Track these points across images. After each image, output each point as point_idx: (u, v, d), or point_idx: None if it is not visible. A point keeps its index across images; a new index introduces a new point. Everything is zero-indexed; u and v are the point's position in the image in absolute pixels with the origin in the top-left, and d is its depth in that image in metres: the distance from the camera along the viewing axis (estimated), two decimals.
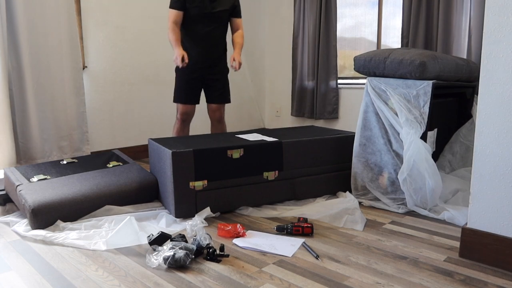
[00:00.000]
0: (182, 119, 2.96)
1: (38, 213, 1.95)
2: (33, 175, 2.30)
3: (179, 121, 2.97)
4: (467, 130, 2.64)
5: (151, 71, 3.89)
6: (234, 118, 4.68)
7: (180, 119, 2.96)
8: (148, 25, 3.82)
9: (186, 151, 2.08)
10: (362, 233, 1.96)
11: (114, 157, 2.68)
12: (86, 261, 1.66)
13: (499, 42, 1.53)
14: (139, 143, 3.86)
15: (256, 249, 1.76)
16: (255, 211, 2.23)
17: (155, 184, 2.35)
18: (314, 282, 1.48)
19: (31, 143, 3.11)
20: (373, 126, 2.36)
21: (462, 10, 3.22)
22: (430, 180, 2.11)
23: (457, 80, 2.50)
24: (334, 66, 4.14)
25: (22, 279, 1.52)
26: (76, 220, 2.06)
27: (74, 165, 2.53)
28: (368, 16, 4.09)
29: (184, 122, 2.97)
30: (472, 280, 1.49)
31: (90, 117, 3.52)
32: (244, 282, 1.49)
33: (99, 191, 2.16)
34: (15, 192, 2.16)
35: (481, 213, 1.63)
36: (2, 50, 2.85)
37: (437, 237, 1.89)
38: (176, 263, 1.58)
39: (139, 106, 3.84)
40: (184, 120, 2.97)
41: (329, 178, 2.49)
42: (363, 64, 2.43)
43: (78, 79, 3.31)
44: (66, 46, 3.23)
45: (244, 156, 2.23)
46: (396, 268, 1.59)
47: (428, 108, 2.18)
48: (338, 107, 4.21)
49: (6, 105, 2.89)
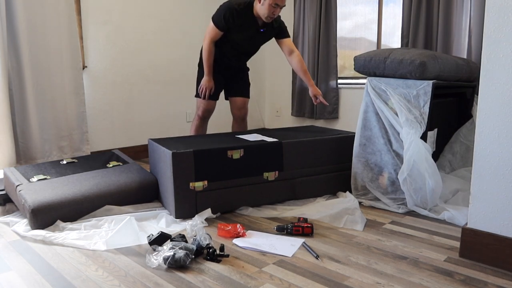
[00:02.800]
0: (203, 116, 2.93)
1: (37, 213, 1.95)
2: (33, 175, 2.30)
3: (199, 118, 2.93)
4: (467, 130, 2.64)
5: (151, 71, 3.89)
6: None
7: (201, 116, 2.92)
8: (148, 25, 3.82)
9: (186, 151, 2.08)
10: (362, 233, 1.96)
11: (114, 157, 2.68)
12: (86, 261, 1.66)
13: (499, 42, 1.53)
14: (139, 143, 3.86)
15: (256, 249, 1.76)
16: (255, 211, 2.23)
17: (155, 184, 2.35)
18: (314, 282, 1.48)
19: (31, 143, 3.11)
20: (373, 126, 2.36)
21: (462, 10, 3.22)
22: (430, 180, 2.11)
23: (457, 80, 2.50)
24: (334, 66, 4.13)
25: (22, 279, 1.52)
26: (76, 220, 2.06)
27: (74, 165, 2.53)
28: (368, 16, 4.09)
29: (204, 119, 2.95)
30: (472, 280, 1.49)
31: (90, 117, 3.52)
32: (244, 282, 1.49)
33: (99, 191, 2.16)
34: (15, 192, 2.16)
35: (481, 213, 1.63)
36: (2, 50, 2.85)
37: (437, 237, 1.89)
38: (176, 263, 1.57)
39: (139, 106, 3.84)
40: (205, 118, 2.94)
41: (329, 178, 2.49)
42: (363, 64, 2.43)
43: (78, 79, 3.31)
44: (66, 46, 3.23)
45: (244, 156, 2.23)
46: (396, 268, 1.59)
47: (428, 108, 2.18)
48: (338, 107, 4.21)
49: (6, 105, 2.89)
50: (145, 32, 3.81)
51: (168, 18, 3.97)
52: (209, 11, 4.31)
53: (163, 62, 3.98)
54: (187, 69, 4.18)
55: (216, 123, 4.49)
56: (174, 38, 4.04)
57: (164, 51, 3.97)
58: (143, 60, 3.82)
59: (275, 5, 2.54)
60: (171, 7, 3.98)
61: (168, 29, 3.98)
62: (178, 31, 4.06)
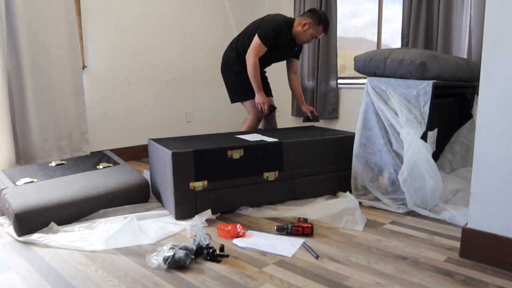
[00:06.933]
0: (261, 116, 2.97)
1: (22, 218, 1.87)
2: (19, 178, 2.23)
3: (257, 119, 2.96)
4: (468, 130, 2.64)
5: (151, 71, 3.89)
6: (234, 118, 4.68)
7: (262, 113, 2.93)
8: (148, 25, 3.82)
9: (186, 151, 2.08)
10: (362, 233, 1.96)
11: (104, 159, 2.63)
12: (85, 262, 1.66)
13: (499, 42, 1.53)
14: (139, 143, 3.86)
15: (256, 249, 1.76)
16: (255, 211, 2.23)
17: (145, 185, 2.30)
18: (314, 282, 1.48)
19: (30, 143, 3.10)
20: (373, 126, 2.35)
21: (462, 10, 3.21)
22: (431, 180, 2.11)
23: (458, 80, 2.50)
24: (334, 66, 4.13)
25: (22, 279, 1.52)
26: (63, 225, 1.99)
27: (63, 167, 2.47)
28: (368, 16, 4.08)
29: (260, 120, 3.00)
30: (472, 280, 1.49)
31: (90, 117, 3.52)
32: (244, 282, 1.48)
33: (87, 194, 2.09)
34: (0, 196, 2.09)
35: (481, 213, 1.63)
36: (2, 50, 2.84)
37: (438, 237, 1.89)
38: (176, 263, 1.57)
39: (139, 106, 3.84)
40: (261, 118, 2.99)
41: (329, 178, 2.49)
42: (363, 64, 2.43)
43: (78, 79, 3.31)
44: (66, 46, 3.23)
45: (244, 156, 2.22)
46: (396, 268, 1.59)
47: (428, 108, 2.18)
48: (338, 107, 4.21)
49: (6, 105, 2.89)
50: (145, 32, 3.81)
51: (168, 18, 3.97)
52: (209, 11, 4.31)
53: (163, 62, 3.98)
54: (187, 69, 4.18)
55: (216, 123, 4.49)
56: (174, 38, 4.04)
57: (164, 51, 3.96)
58: (143, 60, 3.82)
59: (315, 37, 2.82)
60: (171, 7, 3.98)
61: (168, 29, 3.98)
62: (178, 31, 4.06)
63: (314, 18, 2.76)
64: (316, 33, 2.78)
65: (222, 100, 4.54)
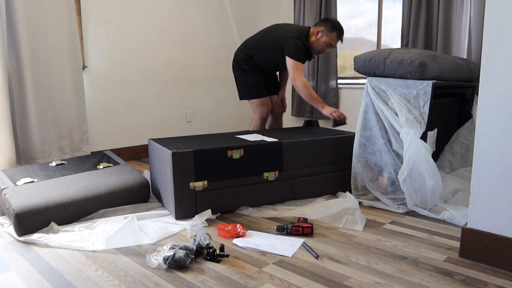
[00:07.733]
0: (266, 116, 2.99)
1: (22, 217, 1.87)
2: (20, 178, 2.23)
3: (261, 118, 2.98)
4: (467, 130, 2.64)
5: (151, 71, 3.89)
6: (234, 118, 4.68)
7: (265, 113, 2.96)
8: (148, 25, 3.82)
9: (186, 151, 2.08)
10: (362, 233, 1.96)
11: (105, 158, 2.63)
12: (86, 261, 1.66)
13: (499, 42, 1.53)
14: (139, 143, 3.87)
15: (256, 249, 1.76)
16: (255, 211, 2.23)
17: (145, 185, 2.30)
18: (314, 282, 1.48)
19: (31, 143, 3.11)
20: (373, 126, 2.36)
21: (462, 10, 3.22)
22: (430, 180, 2.11)
23: (457, 80, 2.50)
24: (334, 66, 4.13)
25: (22, 279, 1.52)
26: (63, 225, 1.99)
27: (63, 167, 2.47)
28: (368, 16, 4.09)
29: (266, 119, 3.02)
30: (472, 280, 1.49)
31: (90, 117, 3.52)
32: (244, 282, 1.49)
33: (87, 194, 2.09)
34: (0, 196, 2.10)
35: (481, 213, 1.63)
36: (2, 50, 2.85)
37: (437, 237, 1.89)
38: (176, 263, 1.57)
39: (139, 106, 3.84)
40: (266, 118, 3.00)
41: (329, 178, 2.49)
42: (363, 64, 2.43)
43: (78, 79, 3.31)
44: (66, 46, 3.23)
45: (244, 156, 2.23)
46: (396, 268, 1.59)
47: (428, 108, 2.18)
48: (338, 107, 4.21)
49: (6, 105, 2.89)
50: (145, 32, 3.81)
51: (168, 18, 3.97)
52: (209, 11, 4.31)
53: (163, 62, 3.98)
54: (187, 69, 4.18)
55: (216, 123, 4.49)
56: (174, 38, 4.04)
57: (164, 51, 3.97)
58: (143, 60, 3.82)
59: (329, 44, 2.80)
60: (171, 7, 3.98)
61: (168, 29, 3.98)
62: (178, 31, 4.06)
63: (326, 26, 2.77)
64: (330, 39, 2.77)
65: (222, 100, 4.54)
